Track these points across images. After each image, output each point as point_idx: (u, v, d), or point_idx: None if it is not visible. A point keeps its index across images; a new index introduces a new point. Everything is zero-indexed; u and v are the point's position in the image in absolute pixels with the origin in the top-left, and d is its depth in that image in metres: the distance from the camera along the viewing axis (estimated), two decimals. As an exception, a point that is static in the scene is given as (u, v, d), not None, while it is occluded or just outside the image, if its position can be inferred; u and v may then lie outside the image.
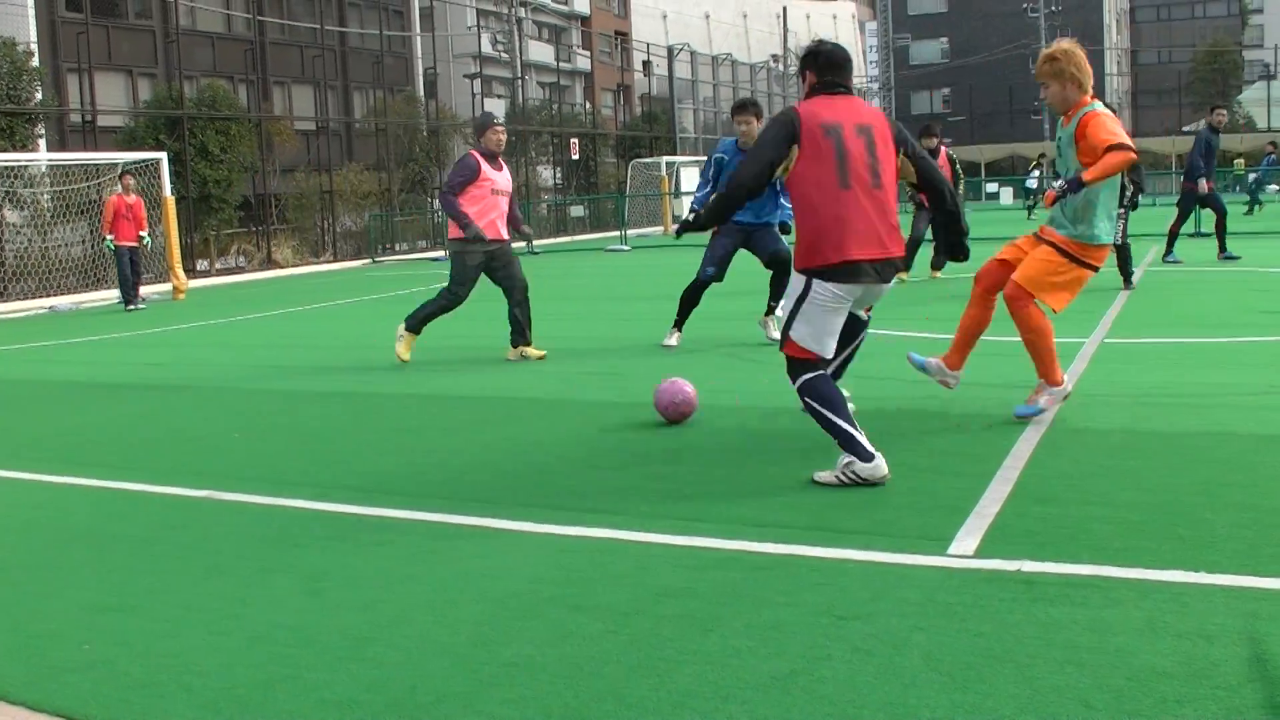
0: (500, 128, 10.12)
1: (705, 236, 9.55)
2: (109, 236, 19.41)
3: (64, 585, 4.49)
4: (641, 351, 10.05)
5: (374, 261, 33.62)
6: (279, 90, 42.13)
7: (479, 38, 50.34)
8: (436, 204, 40.28)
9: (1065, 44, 6.24)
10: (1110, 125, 6.04)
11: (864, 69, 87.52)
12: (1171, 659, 3.22)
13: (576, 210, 45.70)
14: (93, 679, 3.53)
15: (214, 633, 3.84)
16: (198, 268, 29.40)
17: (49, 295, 23.48)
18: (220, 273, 30.28)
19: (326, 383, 9.40)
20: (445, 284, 10.10)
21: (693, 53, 60.19)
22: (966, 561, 4.13)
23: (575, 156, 46.96)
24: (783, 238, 9.81)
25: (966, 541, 4.33)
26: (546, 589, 4.04)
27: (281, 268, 31.60)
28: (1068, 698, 3.02)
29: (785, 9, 76.49)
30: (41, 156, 25.85)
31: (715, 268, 9.93)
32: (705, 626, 3.64)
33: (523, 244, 26.72)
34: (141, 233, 19.65)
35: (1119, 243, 12.45)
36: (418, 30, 50.42)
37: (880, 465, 5.15)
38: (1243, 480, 5.02)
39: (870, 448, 5.16)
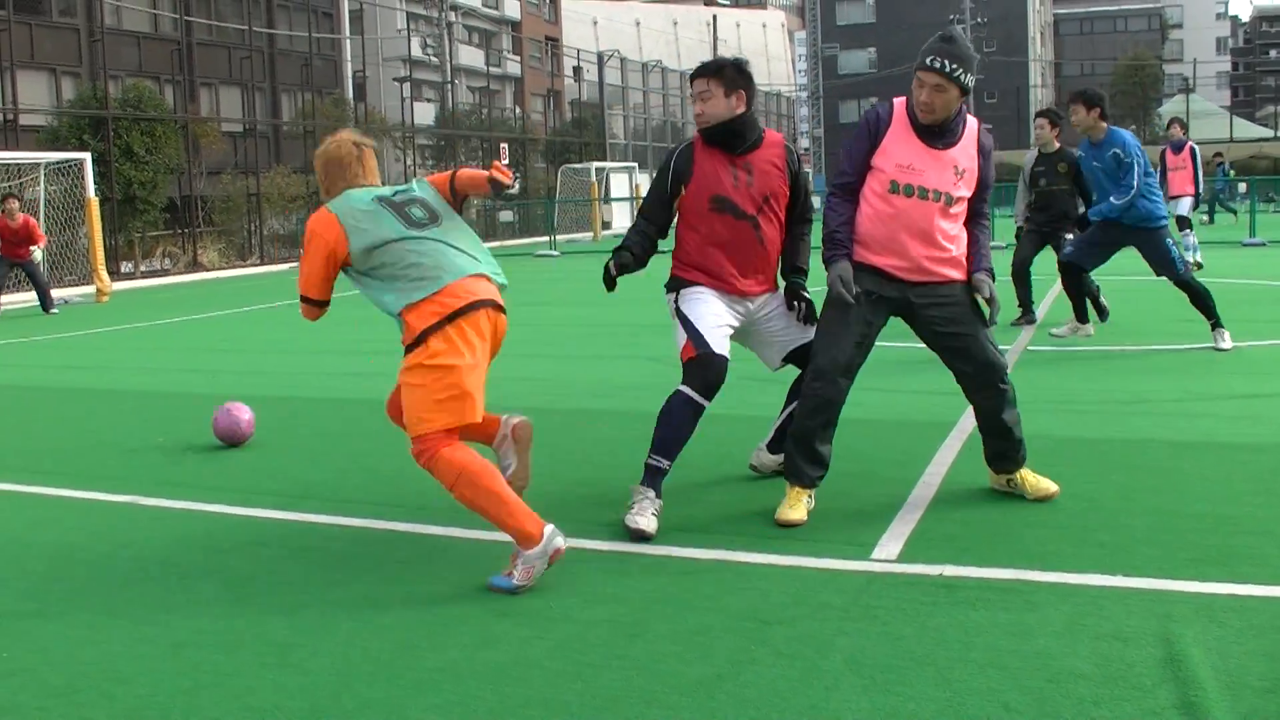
0: None
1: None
2: None
3: (-20, 592, 4.42)
4: (572, 359, 10.06)
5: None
6: (206, 91, 41.69)
7: (409, 41, 50.11)
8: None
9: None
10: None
11: (793, 78, 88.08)
12: (1089, 661, 3.28)
13: (505, 215, 45.63)
14: (11, 686, 3.48)
15: (136, 639, 3.80)
16: (122, 270, 29.00)
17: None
18: (145, 275, 29.87)
19: (251, 387, 9.30)
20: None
21: (623, 59, 60.30)
22: (889, 566, 4.18)
23: (505, 161, 46.89)
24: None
25: (889, 546, 4.38)
26: (471, 595, 4.04)
27: (208, 270, 31.26)
28: (988, 700, 3.06)
29: (715, 17, 76.88)
30: (-39, 156, 25.36)
31: None
32: (631, 632, 3.65)
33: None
34: (33, 247, 18.31)
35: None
36: (347, 33, 50.10)
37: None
38: (1159, 485, 5.12)
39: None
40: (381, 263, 4.37)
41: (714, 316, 5.00)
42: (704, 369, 4.89)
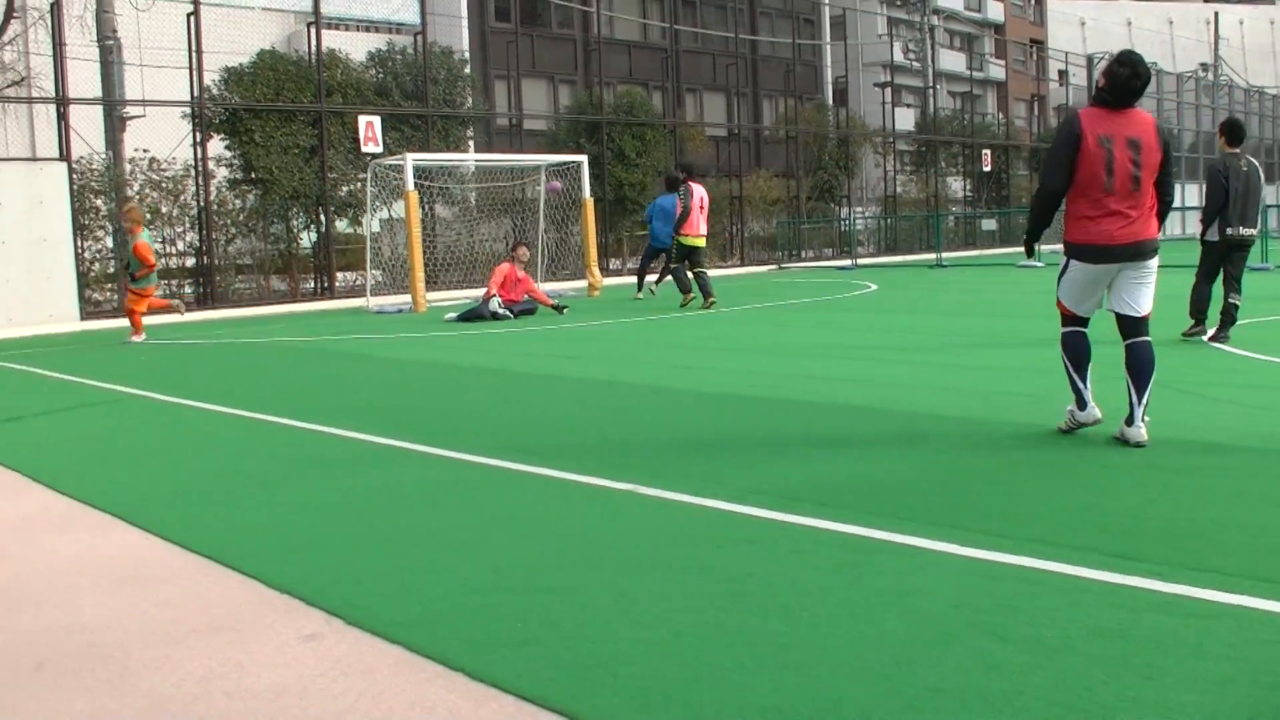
0: None
1: None
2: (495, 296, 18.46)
3: (494, 563, 4.74)
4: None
5: (780, 268, 33.99)
6: (691, 97, 43.31)
7: (890, 46, 50.04)
8: (845, 212, 40.36)
9: None
10: None
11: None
12: None
13: (987, 224, 44.71)
14: (526, 656, 3.70)
15: (640, 624, 3.94)
16: (611, 266, 30.56)
17: (474, 286, 24.91)
18: (631, 272, 31.37)
19: (739, 386, 9.55)
20: None
21: (1114, 62, 57.71)
22: None
23: (987, 168, 45.92)
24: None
25: None
26: (970, 615, 3.93)
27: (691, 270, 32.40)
28: None
29: (1216, 14, 72.15)
30: (471, 157, 27.53)
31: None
32: (1142, 673, 3.43)
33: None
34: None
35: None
36: (828, 39, 50.64)
37: (1093, 411, 6.90)
38: None
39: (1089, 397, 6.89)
40: None
41: None
42: None
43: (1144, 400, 6.48)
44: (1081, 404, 6.89)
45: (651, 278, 22.60)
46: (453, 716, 3.31)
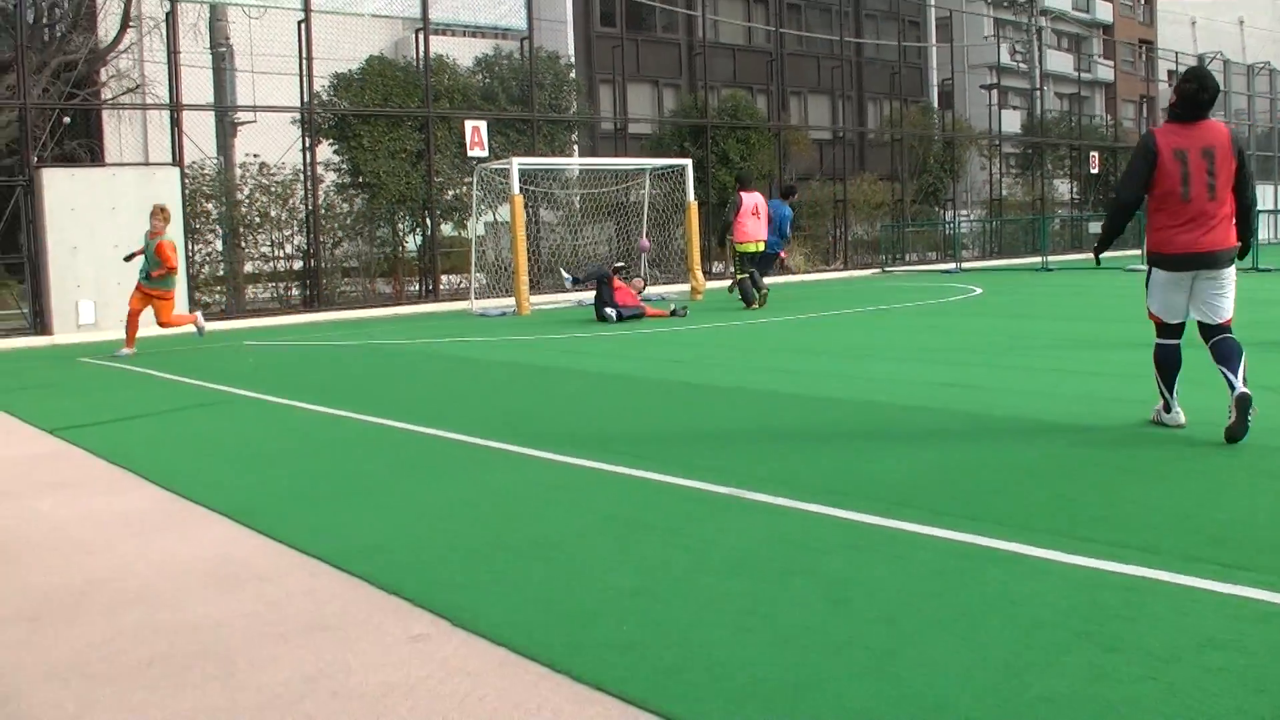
0: None
1: None
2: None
3: (597, 567, 4.77)
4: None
5: (884, 271, 33.72)
6: (795, 100, 43.15)
7: (997, 47, 49.45)
8: (949, 215, 39.95)
9: None
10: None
11: None
12: None
13: (1094, 226, 43.94)
14: (629, 659, 3.71)
15: (742, 629, 3.94)
16: (714, 270, 30.53)
17: (579, 290, 24.99)
18: (734, 276, 31.32)
19: (843, 390, 9.50)
20: None
21: (1225, 61, 56.56)
22: None
23: (1095, 170, 45.15)
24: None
25: None
26: (1078, 624, 3.87)
27: (792, 274, 32.28)
28: None
29: (1337, 13, 70.24)
30: (575, 161, 27.67)
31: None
32: (1255, 685, 3.36)
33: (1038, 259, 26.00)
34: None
35: None
36: (933, 41, 50.16)
37: (1177, 416, 7.27)
38: None
39: (1175, 404, 7.27)
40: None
41: None
42: None
43: (1240, 373, 6.70)
44: (1167, 408, 7.33)
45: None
46: (556, 718, 3.33)
